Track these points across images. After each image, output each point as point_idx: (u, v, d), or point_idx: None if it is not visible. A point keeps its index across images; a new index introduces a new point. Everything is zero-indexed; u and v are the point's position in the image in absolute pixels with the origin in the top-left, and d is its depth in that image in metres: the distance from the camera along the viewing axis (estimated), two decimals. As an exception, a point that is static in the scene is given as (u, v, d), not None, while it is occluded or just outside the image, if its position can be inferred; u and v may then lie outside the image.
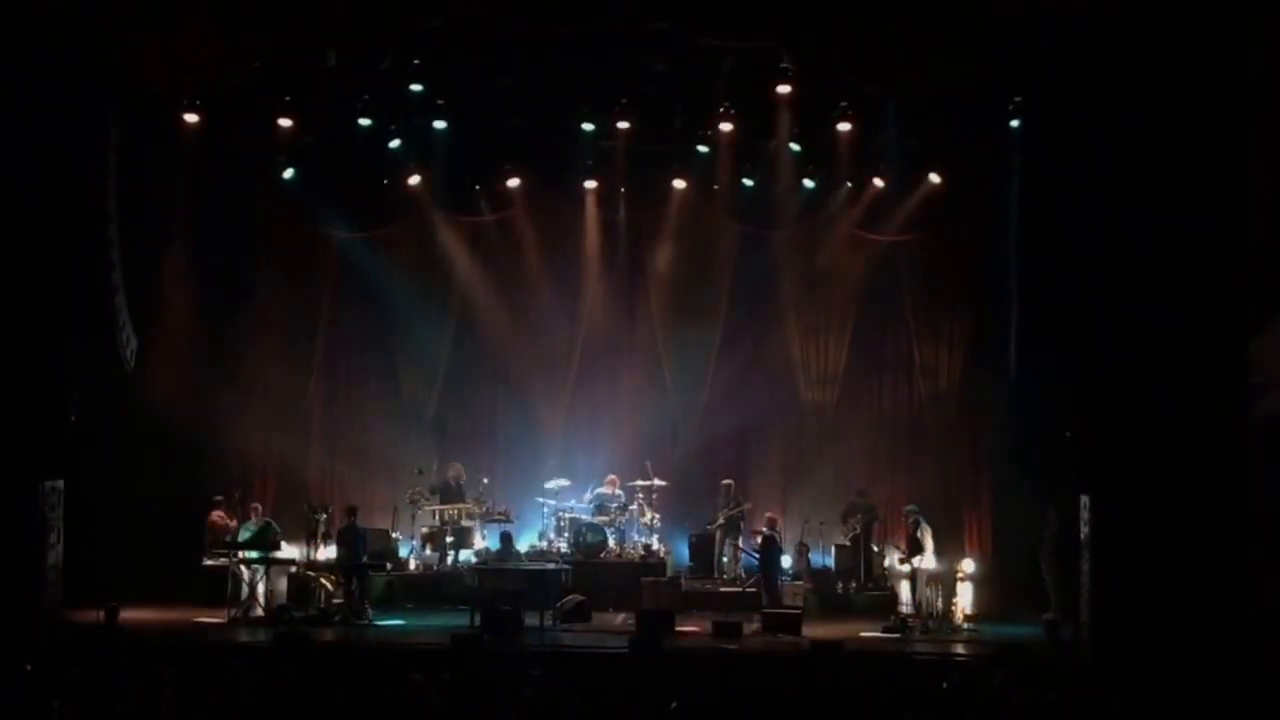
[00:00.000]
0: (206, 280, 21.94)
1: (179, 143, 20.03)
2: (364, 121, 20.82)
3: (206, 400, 21.74)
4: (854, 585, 21.52)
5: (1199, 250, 16.72)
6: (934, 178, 21.96)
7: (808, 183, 22.45)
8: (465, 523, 22.19)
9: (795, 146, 21.55)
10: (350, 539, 19.94)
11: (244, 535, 20.38)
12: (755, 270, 23.53)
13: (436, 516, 22.15)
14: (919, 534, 19.96)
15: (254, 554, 19.87)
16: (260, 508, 21.27)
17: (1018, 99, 19.08)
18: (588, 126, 21.35)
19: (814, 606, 20.73)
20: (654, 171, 22.84)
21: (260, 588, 19.63)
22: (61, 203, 17.61)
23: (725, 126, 20.86)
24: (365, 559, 19.93)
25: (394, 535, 22.21)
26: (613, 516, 22.25)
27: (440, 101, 20.75)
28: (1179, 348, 16.83)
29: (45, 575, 17.82)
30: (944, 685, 13.07)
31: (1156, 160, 16.91)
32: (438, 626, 18.82)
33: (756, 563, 20.65)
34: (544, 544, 22.18)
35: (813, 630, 18.62)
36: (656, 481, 22.45)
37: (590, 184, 23.05)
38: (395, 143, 21.65)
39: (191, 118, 19.60)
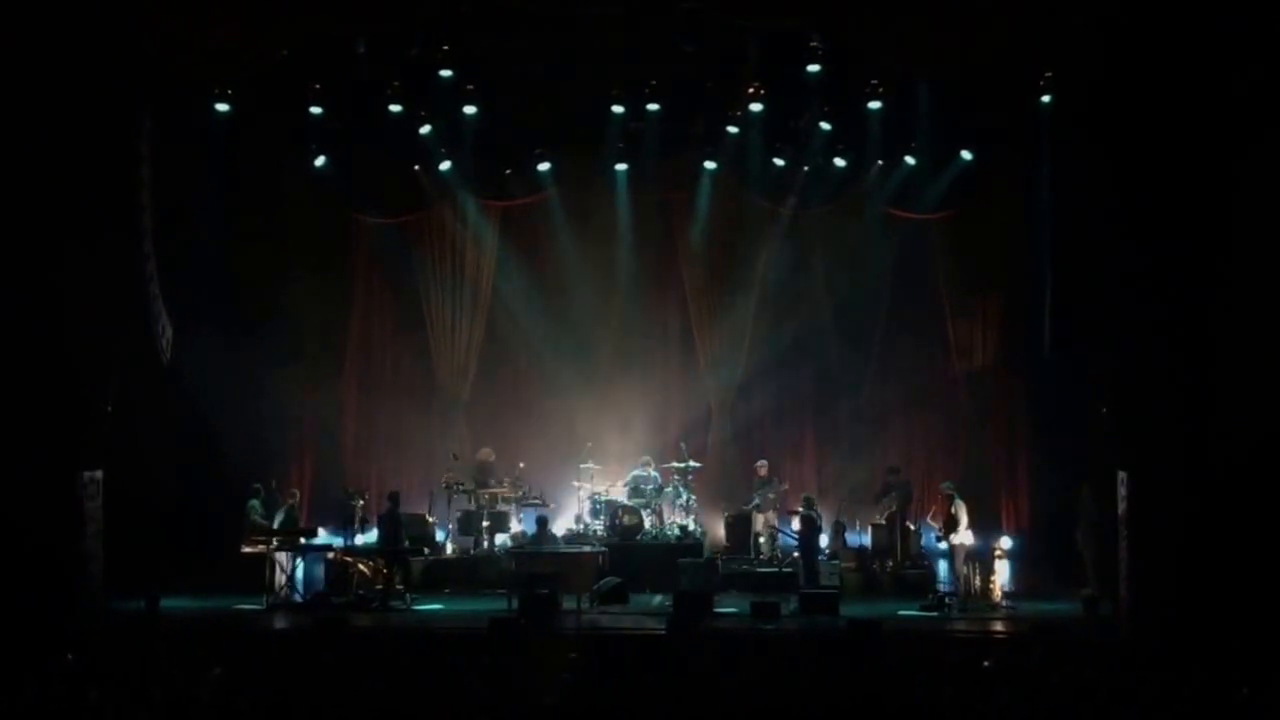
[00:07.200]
0: (239, 268, 22.01)
1: (210, 132, 20.13)
2: (394, 108, 20.81)
3: (242, 388, 21.80)
4: (891, 564, 21.51)
5: (1235, 221, 16.58)
6: (965, 155, 21.86)
7: (839, 161, 22.34)
8: (501, 507, 22.25)
9: (826, 125, 21.46)
10: (391, 524, 20.04)
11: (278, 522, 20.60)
12: (787, 250, 23.50)
13: (472, 501, 22.22)
14: (955, 510, 19.88)
15: (291, 540, 20.00)
16: (297, 493, 21.37)
17: (1048, 74, 18.97)
18: (618, 109, 21.33)
19: (851, 586, 20.74)
20: (685, 153, 22.77)
21: (298, 574, 19.73)
22: (94, 193, 17.66)
23: (756, 106, 20.81)
24: (406, 544, 20.04)
25: (430, 520, 22.29)
26: (649, 498, 22.26)
27: (470, 86, 20.71)
28: (1214, 320, 16.70)
29: (85, 565, 17.95)
30: (985, 663, 13.05)
31: (1190, 132, 16.75)
32: (475, 610, 18.82)
33: (795, 542, 20.61)
34: (580, 527, 22.22)
35: (851, 610, 18.61)
36: (692, 463, 22.45)
37: (621, 166, 23.00)
38: (426, 129, 21.61)
39: (222, 107, 19.72)
